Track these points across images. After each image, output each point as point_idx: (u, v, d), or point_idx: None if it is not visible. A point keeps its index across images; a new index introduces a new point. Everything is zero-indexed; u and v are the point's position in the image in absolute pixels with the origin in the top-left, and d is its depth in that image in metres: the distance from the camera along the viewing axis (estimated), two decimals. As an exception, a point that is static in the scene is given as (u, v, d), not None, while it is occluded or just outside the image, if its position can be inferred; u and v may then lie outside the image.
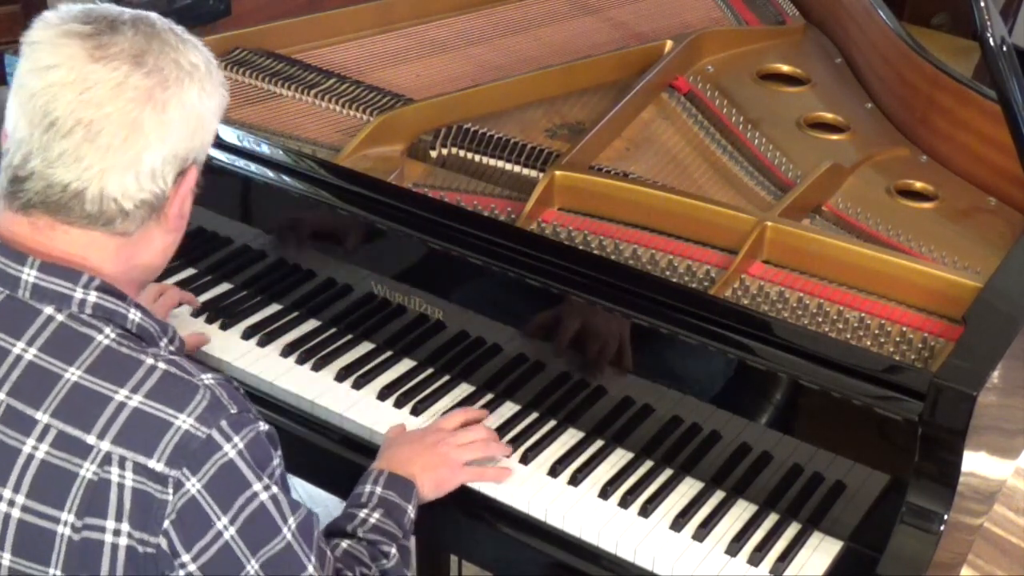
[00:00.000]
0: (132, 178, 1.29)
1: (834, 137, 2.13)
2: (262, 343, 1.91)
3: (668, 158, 2.03)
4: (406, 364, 1.88)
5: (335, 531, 1.54)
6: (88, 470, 1.23)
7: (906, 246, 1.83)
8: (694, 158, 2.04)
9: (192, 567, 1.25)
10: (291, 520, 1.31)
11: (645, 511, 1.64)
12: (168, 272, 2.05)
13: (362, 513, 1.55)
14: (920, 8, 2.67)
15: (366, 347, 1.91)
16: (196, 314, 1.97)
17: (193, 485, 1.24)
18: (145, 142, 1.28)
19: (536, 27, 2.45)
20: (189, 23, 2.29)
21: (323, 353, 1.89)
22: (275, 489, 1.30)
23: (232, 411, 1.27)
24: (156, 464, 1.23)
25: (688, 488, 1.69)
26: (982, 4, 1.72)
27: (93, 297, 1.29)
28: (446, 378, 1.85)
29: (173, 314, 1.94)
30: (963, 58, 2.35)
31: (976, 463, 1.54)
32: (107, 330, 1.29)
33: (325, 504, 2.98)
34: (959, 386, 1.46)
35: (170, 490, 1.23)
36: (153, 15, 1.36)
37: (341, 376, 1.85)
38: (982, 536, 1.69)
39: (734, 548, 1.59)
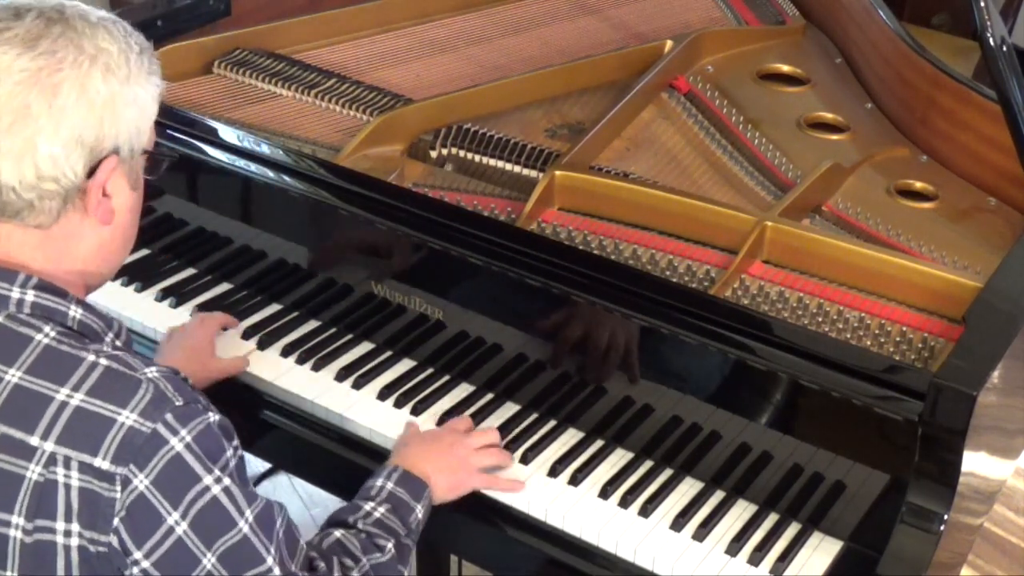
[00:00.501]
0: (29, 166, 1.26)
1: (834, 137, 2.13)
2: (262, 344, 1.91)
3: (668, 158, 2.03)
4: (406, 364, 1.88)
5: (335, 521, 1.54)
6: (34, 472, 1.22)
7: (906, 246, 1.83)
8: (694, 158, 2.04)
9: (145, 563, 1.24)
10: (248, 512, 1.29)
11: (645, 511, 1.64)
12: (168, 272, 2.06)
13: (368, 506, 1.54)
14: (920, 8, 2.67)
15: (366, 347, 1.91)
16: (196, 314, 1.97)
17: (141, 481, 1.22)
18: (36, 127, 1.25)
19: (536, 27, 2.45)
20: (189, 23, 2.33)
21: (323, 353, 1.89)
22: (227, 481, 1.28)
23: (178, 403, 1.26)
24: (102, 462, 1.22)
25: (688, 488, 1.69)
26: (982, 4, 1.72)
27: (31, 296, 1.28)
28: (446, 378, 1.85)
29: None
30: (963, 58, 2.35)
31: (976, 463, 1.54)
32: (47, 329, 1.27)
33: (325, 504, 2.98)
34: (959, 386, 1.46)
35: (118, 487, 1.22)
36: (75, 4, 1.33)
37: (341, 376, 1.85)
38: (982, 536, 1.69)
39: (734, 548, 1.59)
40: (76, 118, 1.27)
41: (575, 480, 1.68)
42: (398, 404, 1.81)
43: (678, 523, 1.62)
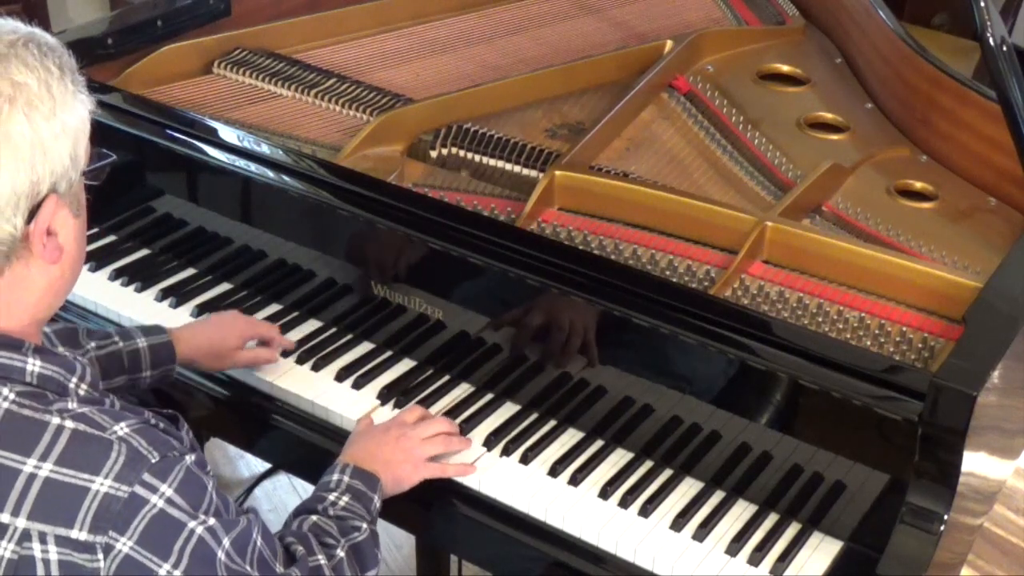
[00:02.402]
0: None
1: (834, 137, 2.13)
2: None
3: (668, 158, 2.03)
4: (406, 364, 1.88)
5: (304, 510, 1.54)
6: (7, 549, 1.17)
7: (906, 246, 1.83)
8: (694, 158, 2.04)
9: None
10: (225, 541, 1.26)
11: (645, 511, 1.64)
12: (168, 272, 2.06)
13: (332, 496, 1.55)
14: (920, 8, 2.67)
15: (366, 347, 1.91)
16: (196, 314, 1.97)
17: (124, 544, 1.18)
18: None
19: (536, 27, 2.45)
20: (189, 23, 2.33)
21: (323, 353, 1.89)
22: (212, 521, 1.25)
23: (153, 460, 1.20)
24: (79, 534, 1.17)
25: (688, 488, 1.69)
26: (982, 4, 1.72)
27: None
28: (446, 378, 1.85)
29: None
30: (963, 58, 2.35)
31: (976, 463, 1.54)
32: (5, 391, 1.20)
33: (325, 504, 2.98)
34: (959, 386, 1.46)
35: (100, 555, 1.18)
36: None
37: (341, 376, 1.85)
38: (982, 536, 1.69)
39: (734, 548, 1.59)
40: (4, 172, 1.18)
41: (575, 480, 1.68)
42: (398, 404, 1.81)
43: (678, 523, 1.62)
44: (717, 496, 1.67)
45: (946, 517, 1.49)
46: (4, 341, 1.23)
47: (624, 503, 1.65)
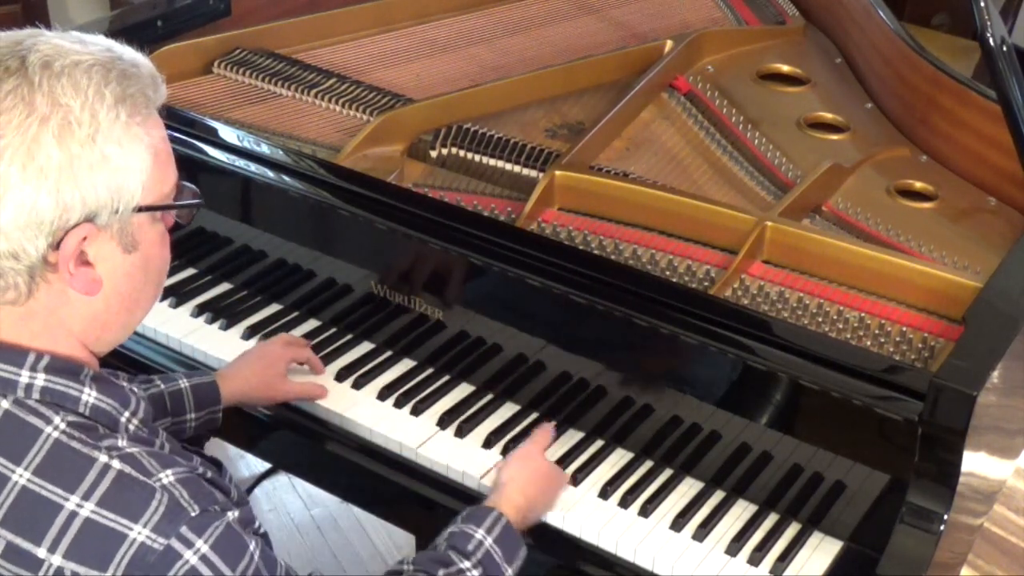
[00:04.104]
0: None
1: (834, 137, 2.13)
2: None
3: (668, 158, 2.03)
4: (406, 364, 1.88)
5: (426, 562, 1.47)
6: None
7: (906, 246, 1.83)
8: (694, 158, 2.04)
9: None
10: None
11: (645, 511, 1.64)
12: (168, 272, 2.05)
13: (463, 564, 1.46)
14: (920, 8, 2.67)
15: (366, 347, 1.91)
16: (195, 314, 1.97)
17: None
18: None
19: (536, 27, 2.45)
20: (189, 23, 2.33)
21: (323, 353, 1.89)
22: None
23: (193, 514, 1.17)
24: None
25: (688, 488, 1.69)
26: (982, 4, 1.72)
27: (40, 380, 1.19)
28: (446, 378, 1.85)
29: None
30: (963, 58, 2.35)
31: (976, 463, 1.54)
32: (56, 420, 1.18)
33: (325, 504, 2.98)
34: (959, 386, 1.46)
35: None
36: (48, 45, 1.17)
37: (341, 376, 1.85)
38: (982, 536, 1.69)
39: (734, 548, 1.59)
40: (25, 189, 1.14)
41: (575, 480, 1.68)
42: (398, 404, 1.81)
43: (678, 523, 1.62)
44: (717, 496, 1.67)
45: (946, 517, 1.49)
46: (64, 367, 1.21)
47: (624, 503, 1.65)
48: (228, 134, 1.99)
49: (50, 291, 1.20)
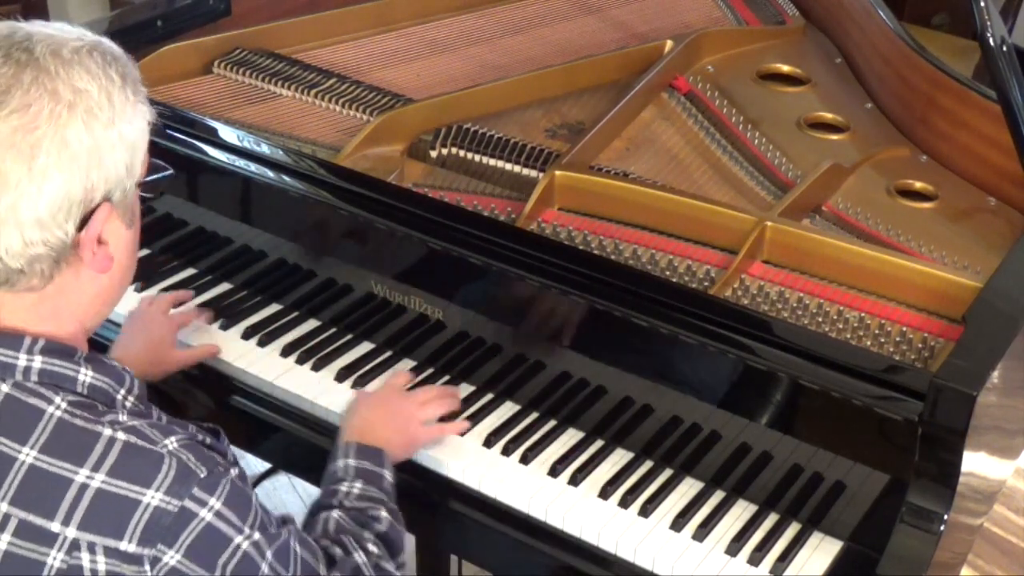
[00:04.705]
0: (14, 234, 1.17)
1: (834, 137, 2.13)
2: (262, 343, 1.91)
3: (668, 158, 2.03)
4: (406, 364, 1.88)
5: (322, 506, 1.53)
6: (56, 559, 1.18)
7: (906, 246, 1.83)
8: (694, 158, 2.04)
9: None
10: (268, 554, 1.27)
11: (645, 511, 1.64)
12: (168, 272, 2.06)
13: (343, 487, 1.54)
14: (920, 8, 2.67)
15: (366, 347, 1.91)
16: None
17: (172, 557, 1.19)
18: (16, 194, 1.16)
19: (536, 27, 2.45)
20: (189, 23, 2.33)
21: (323, 353, 1.89)
22: (257, 535, 1.26)
23: (202, 475, 1.21)
24: (128, 545, 1.18)
25: (688, 488, 1.69)
26: (982, 4, 1.72)
27: (38, 363, 1.21)
28: (446, 378, 1.85)
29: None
30: (963, 58, 2.35)
31: (976, 463, 1.54)
32: (57, 400, 1.20)
33: (325, 504, 2.97)
34: (959, 386, 1.46)
35: (147, 567, 1.19)
36: (45, 36, 1.21)
37: (341, 376, 1.85)
38: (982, 536, 1.69)
39: (734, 548, 1.59)
40: (60, 177, 1.18)
41: (575, 480, 1.68)
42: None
43: (678, 523, 1.62)
44: (717, 496, 1.67)
45: (946, 517, 1.49)
46: (57, 348, 1.23)
47: (624, 503, 1.65)
48: (228, 134, 1.99)
49: (67, 274, 1.23)
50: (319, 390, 1.83)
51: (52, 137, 1.17)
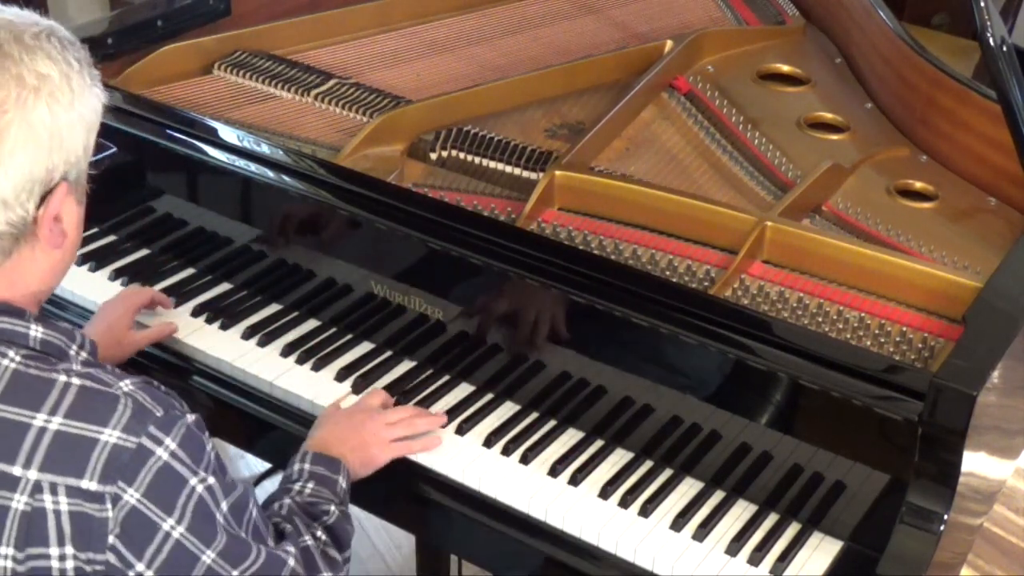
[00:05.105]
0: None
1: (834, 137, 2.13)
2: (262, 343, 1.91)
3: (668, 158, 2.03)
4: (406, 364, 1.88)
5: (272, 499, 1.56)
6: (20, 502, 1.21)
7: (906, 246, 1.83)
8: (694, 158, 2.04)
9: (148, 574, 1.25)
10: (224, 505, 1.30)
11: (645, 511, 1.64)
12: (168, 272, 2.06)
13: (296, 486, 1.57)
14: (920, 8, 2.67)
15: (366, 347, 1.91)
16: (195, 313, 1.97)
17: (131, 496, 1.22)
18: None
19: (536, 27, 2.45)
20: (189, 23, 2.33)
21: (323, 353, 1.89)
22: (211, 480, 1.29)
23: (158, 414, 1.25)
24: (89, 484, 1.21)
25: (688, 488, 1.69)
26: (982, 4, 1.72)
27: None
28: (446, 378, 1.85)
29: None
30: (963, 58, 2.35)
31: (976, 463, 1.54)
32: (11, 353, 1.25)
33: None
34: (959, 386, 1.46)
35: (108, 506, 1.22)
36: (5, 22, 1.26)
37: (341, 376, 1.85)
38: (982, 536, 1.69)
39: (734, 548, 1.59)
40: (25, 159, 1.23)
41: (575, 480, 1.68)
42: (397, 404, 1.80)
43: (678, 523, 1.62)
44: (717, 496, 1.67)
45: (946, 517, 1.49)
46: (7, 309, 1.28)
47: (624, 503, 1.65)
48: (228, 134, 1.99)
49: (25, 250, 1.28)
50: (319, 390, 1.83)
51: (20, 122, 1.23)
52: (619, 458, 1.73)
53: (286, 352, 1.89)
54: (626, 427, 1.73)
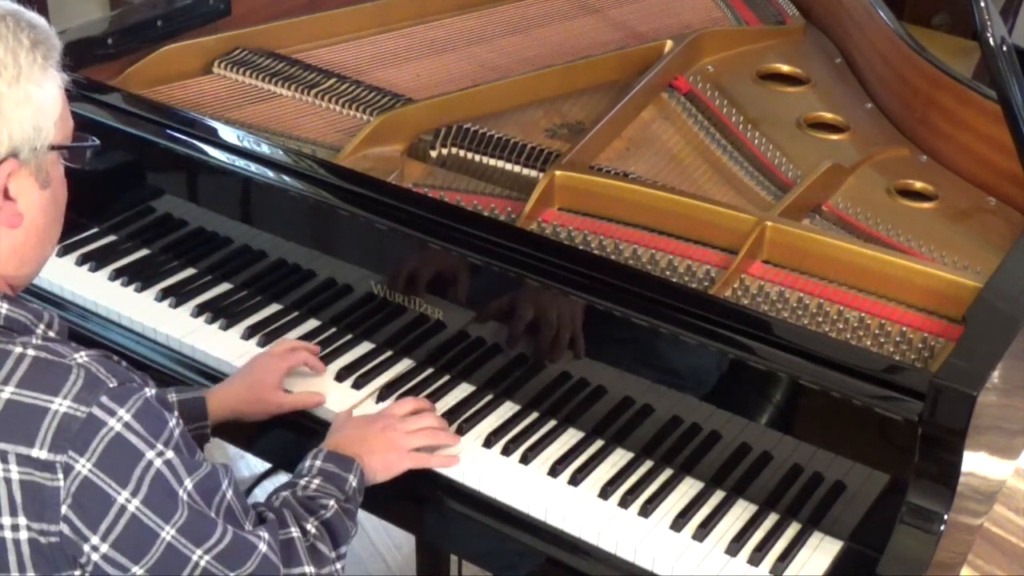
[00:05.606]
0: None
1: (834, 137, 2.13)
2: (262, 343, 1.91)
3: (668, 158, 2.03)
4: (406, 364, 1.88)
5: (274, 492, 1.55)
6: None
7: (906, 246, 1.83)
8: (694, 158, 2.04)
9: (104, 547, 1.25)
10: (187, 481, 1.29)
11: (645, 511, 1.64)
12: (168, 272, 2.06)
13: (302, 481, 1.56)
14: (920, 8, 2.67)
15: (366, 347, 1.91)
16: (196, 314, 1.97)
17: (83, 466, 1.22)
18: None
19: (536, 27, 2.45)
20: (189, 23, 2.33)
21: (323, 353, 1.88)
22: (170, 454, 1.28)
23: (112, 384, 1.25)
24: (39, 452, 1.21)
25: (688, 488, 1.69)
26: (982, 4, 1.72)
27: None
28: (446, 378, 1.85)
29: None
30: (963, 58, 2.35)
31: (976, 463, 1.54)
32: None
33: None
34: (959, 386, 1.46)
35: (60, 475, 1.22)
36: None
37: (341, 376, 1.85)
38: (982, 536, 1.69)
39: (734, 548, 1.59)
40: None
41: (575, 480, 1.68)
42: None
43: (678, 523, 1.62)
44: (717, 496, 1.67)
45: (946, 517, 1.49)
46: None
47: (624, 503, 1.65)
48: (228, 134, 1.99)
49: None
50: (319, 390, 1.82)
51: None
52: (619, 458, 1.73)
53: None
54: (626, 427, 1.73)
